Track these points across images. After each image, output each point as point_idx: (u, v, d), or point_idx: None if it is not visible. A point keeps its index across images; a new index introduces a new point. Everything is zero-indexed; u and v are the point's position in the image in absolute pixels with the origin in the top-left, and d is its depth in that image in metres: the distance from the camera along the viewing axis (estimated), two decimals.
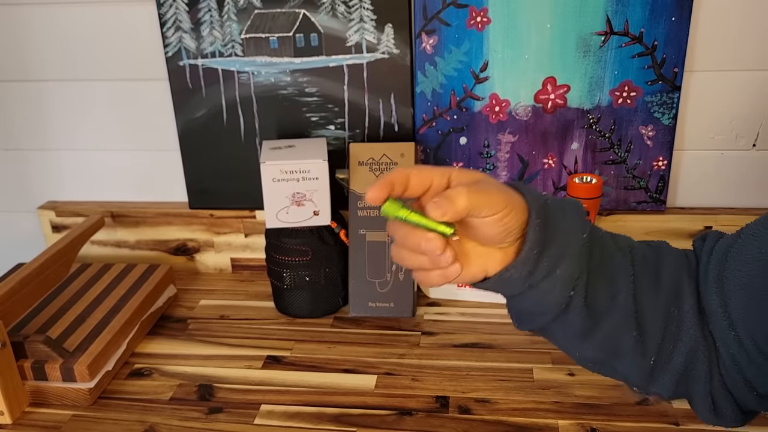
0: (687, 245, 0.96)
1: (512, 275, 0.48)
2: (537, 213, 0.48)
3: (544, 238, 0.48)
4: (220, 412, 0.76)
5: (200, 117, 0.99)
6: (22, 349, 0.78)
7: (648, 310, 0.51)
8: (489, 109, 0.94)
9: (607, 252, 0.52)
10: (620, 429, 0.70)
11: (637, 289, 0.51)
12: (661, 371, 0.51)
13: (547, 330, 0.53)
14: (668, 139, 0.92)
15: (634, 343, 0.51)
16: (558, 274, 0.48)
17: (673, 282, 0.52)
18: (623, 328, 0.50)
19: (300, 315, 0.94)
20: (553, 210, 0.49)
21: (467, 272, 0.48)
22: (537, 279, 0.48)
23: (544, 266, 0.48)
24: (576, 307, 0.50)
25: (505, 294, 0.51)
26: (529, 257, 0.47)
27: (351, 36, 0.92)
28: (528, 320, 0.53)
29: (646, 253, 0.54)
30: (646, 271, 0.52)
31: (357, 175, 0.92)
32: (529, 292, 0.49)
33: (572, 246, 0.49)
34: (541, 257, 0.48)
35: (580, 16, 0.87)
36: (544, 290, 0.49)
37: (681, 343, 0.51)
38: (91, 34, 0.98)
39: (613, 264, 0.51)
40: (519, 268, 0.48)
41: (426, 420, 0.73)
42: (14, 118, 1.05)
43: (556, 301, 0.49)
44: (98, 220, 0.96)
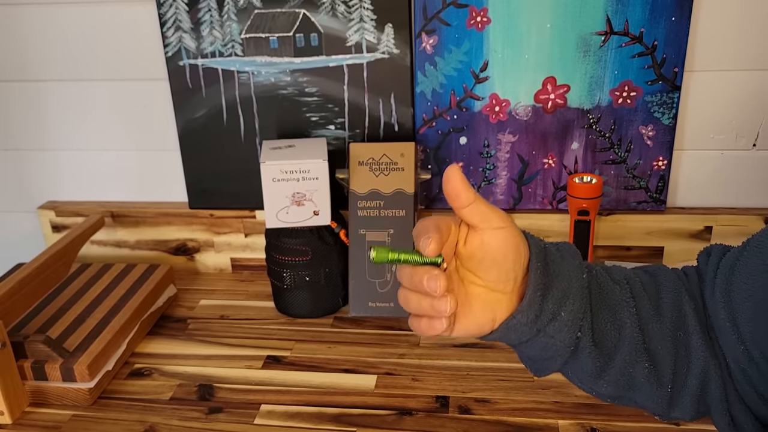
0: (687, 245, 0.97)
1: (519, 321, 0.48)
2: (537, 256, 0.48)
3: (547, 280, 0.48)
4: (220, 412, 0.76)
5: (200, 117, 0.99)
6: (22, 349, 0.78)
7: (655, 338, 0.51)
8: (489, 109, 0.94)
9: (605, 288, 0.52)
10: (620, 429, 0.70)
11: (641, 319, 0.51)
12: (679, 397, 0.51)
13: (562, 372, 0.53)
14: (668, 139, 0.92)
15: (648, 374, 0.51)
16: (563, 317, 0.49)
17: (675, 306, 0.52)
18: (635, 360, 0.50)
19: (300, 315, 0.94)
20: (551, 253, 0.50)
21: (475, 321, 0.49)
22: (543, 323, 0.48)
23: (549, 309, 0.48)
24: (585, 347, 0.50)
25: (514, 342, 0.51)
26: (534, 300, 0.48)
27: (351, 36, 0.92)
28: (542, 366, 0.53)
29: (643, 281, 0.54)
30: (647, 299, 0.52)
31: (357, 175, 0.92)
32: (537, 337, 0.49)
33: (573, 287, 0.49)
34: (545, 300, 0.48)
35: (580, 16, 0.87)
36: (552, 334, 0.49)
37: (692, 365, 0.51)
38: (90, 33, 0.98)
39: (613, 299, 0.52)
40: (525, 312, 0.48)
41: (426, 420, 0.73)
42: (14, 118, 1.05)
43: (564, 344, 0.49)
44: (98, 220, 0.96)
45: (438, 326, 0.46)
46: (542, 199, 0.98)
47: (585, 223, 0.90)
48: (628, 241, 0.98)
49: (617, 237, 0.98)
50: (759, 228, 0.95)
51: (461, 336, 0.49)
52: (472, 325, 0.48)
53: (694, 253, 0.96)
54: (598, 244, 0.98)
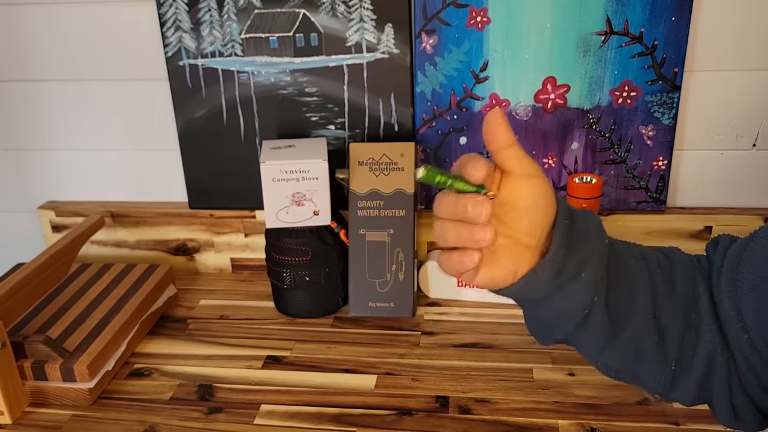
0: (687, 245, 0.96)
1: (540, 276, 0.48)
2: (564, 214, 0.49)
3: (571, 239, 0.48)
4: (220, 412, 0.76)
5: (200, 117, 0.99)
6: (22, 349, 0.78)
7: (667, 314, 0.51)
8: (489, 109, 0.94)
9: (622, 259, 0.52)
10: (620, 429, 0.70)
11: (655, 293, 0.52)
12: (682, 377, 0.52)
13: (569, 339, 0.53)
14: (668, 138, 0.92)
15: (655, 348, 0.51)
16: (583, 278, 0.49)
17: (689, 287, 0.52)
18: (644, 332, 0.51)
19: (300, 315, 0.94)
20: (577, 216, 0.50)
21: (498, 271, 0.48)
22: (563, 281, 0.48)
23: (571, 268, 0.48)
24: (598, 312, 0.50)
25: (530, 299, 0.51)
26: (557, 256, 0.48)
27: (351, 36, 0.92)
28: (550, 331, 0.53)
29: (659, 259, 0.54)
30: (662, 276, 0.53)
31: (357, 175, 0.92)
32: (555, 296, 0.49)
33: (596, 250, 0.50)
34: (568, 258, 0.48)
35: (580, 16, 0.87)
36: (569, 294, 0.49)
37: (700, 348, 0.51)
38: (90, 33, 0.98)
39: (629, 270, 0.52)
40: (547, 268, 0.48)
41: (426, 420, 0.73)
42: (14, 118, 1.05)
43: (579, 306, 0.49)
44: (98, 220, 0.96)
45: (469, 260, 0.45)
46: None
47: None
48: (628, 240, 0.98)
49: (617, 237, 0.97)
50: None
51: (482, 285, 0.48)
52: (495, 275, 0.48)
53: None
54: None
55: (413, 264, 0.92)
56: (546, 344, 0.55)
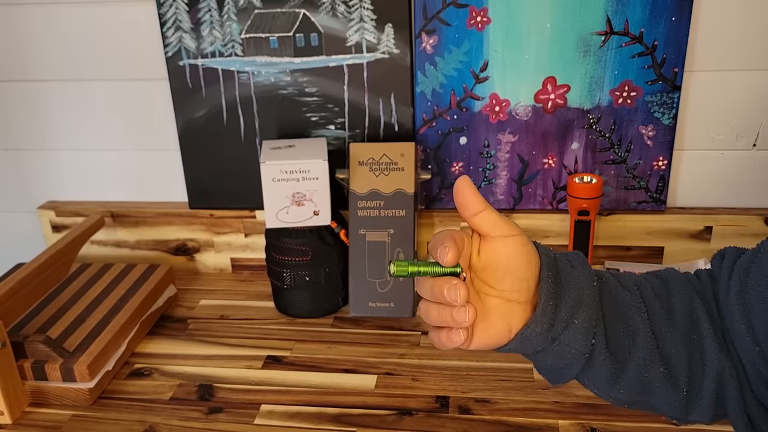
0: (687, 245, 0.97)
1: (533, 331, 0.49)
2: (548, 266, 0.49)
3: (558, 289, 0.49)
4: (220, 412, 0.76)
5: (200, 117, 0.99)
6: (22, 349, 0.78)
7: (669, 342, 0.51)
8: (489, 109, 0.94)
9: (615, 295, 0.52)
10: (620, 429, 0.70)
11: (654, 324, 0.52)
12: (695, 400, 0.52)
13: (578, 380, 0.54)
14: (668, 139, 0.92)
15: (663, 378, 0.51)
16: (577, 324, 0.49)
17: (687, 309, 0.52)
18: (649, 365, 0.51)
19: (300, 315, 0.94)
20: (561, 263, 0.51)
21: (493, 332, 0.49)
22: (558, 331, 0.49)
23: (563, 317, 0.49)
24: (599, 354, 0.50)
25: (529, 352, 0.51)
26: (546, 308, 0.48)
27: (351, 36, 0.92)
28: (558, 375, 0.53)
29: (653, 286, 0.54)
30: (658, 304, 0.53)
31: (357, 175, 0.92)
32: (552, 346, 0.50)
33: (585, 295, 0.50)
34: (558, 308, 0.49)
35: (580, 16, 0.87)
36: (566, 342, 0.49)
37: (707, 369, 0.51)
38: (90, 33, 0.98)
39: (624, 305, 0.52)
40: (539, 321, 0.48)
41: (426, 420, 0.73)
42: (14, 118, 1.05)
43: (579, 351, 0.50)
44: (98, 220, 0.96)
45: (457, 338, 0.47)
46: (542, 199, 0.99)
47: (585, 223, 0.90)
48: (628, 241, 0.98)
49: (617, 237, 0.98)
50: (759, 228, 0.96)
51: (479, 348, 0.49)
52: (489, 336, 0.49)
53: (694, 253, 0.96)
54: (598, 244, 0.98)
55: None
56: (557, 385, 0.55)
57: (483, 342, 0.49)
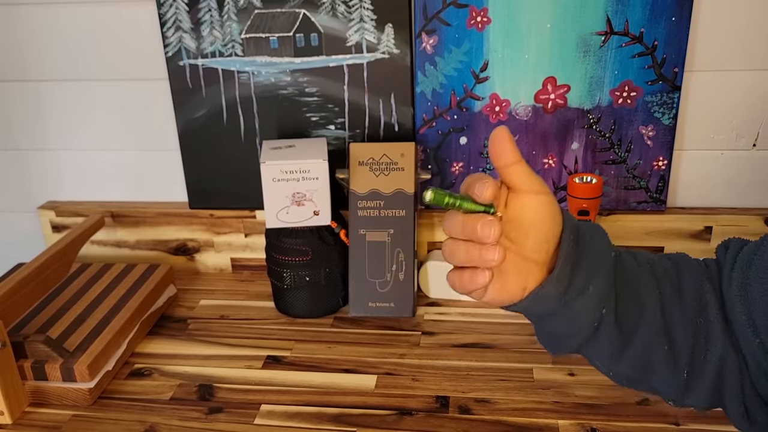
0: (687, 245, 0.97)
1: (547, 292, 0.48)
2: (570, 229, 0.49)
3: (577, 254, 0.49)
4: (220, 412, 0.76)
5: (200, 117, 0.99)
6: (22, 349, 0.78)
7: (676, 322, 0.51)
8: (489, 109, 0.94)
9: (629, 270, 0.52)
10: (620, 429, 0.70)
11: (663, 302, 0.52)
12: (695, 383, 0.52)
13: (580, 350, 0.53)
14: (668, 139, 0.92)
15: (665, 357, 0.51)
16: (591, 291, 0.49)
17: (696, 293, 0.52)
18: (654, 342, 0.51)
19: (300, 315, 0.94)
20: (583, 230, 0.51)
21: (508, 287, 0.49)
22: (571, 296, 0.49)
23: (578, 282, 0.49)
24: (607, 325, 0.50)
25: (539, 314, 0.51)
26: (563, 271, 0.48)
27: (351, 36, 0.92)
28: (561, 343, 0.53)
29: (666, 267, 0.54)
30: (669, 284, 0.53)
31: (357, 175, 0.92)
32: (563, 311, 0.49)
33: (603, 263, 0.50)
34: (575, 272, 0.49)
35: (580, 16, 0.87)
36: (578, 308, 0.49)
37: (710, 354, 0.51)
38: (90, 33, 0.98)
39: (636, 280, 0.52)
40: (554, 283, 0.48)
41: (426, 420, 0.73)
42: (14, 118, 1.05)
43: (588, 319, 0.50)
44: (98, 220, 0.96)
45: (482, 279, 0.46)
46: None
47: None
48: (628, 241, 0.98)
49: (617, 237, 0.98)
50: (759, 228, 0.96)
51: (491, 302, 0.49)
52: (504, 291, 0.49)
53: (694, 253, 0.95)
54: None
55: (413, 264, 0.92)
56: (557, 355, 0.55)
57: (496, 295, 0.48)
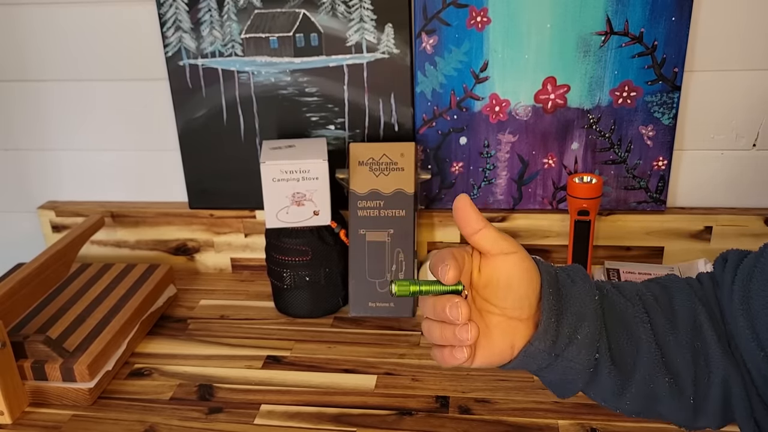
0: (687, 245, 0.97)
1: (536, 348, 0.49)
2: (549, 282, 0.49)
3: (560, 305, 0.49)
4: (220, 412, 0.76)
5: (200, 117, 0.99)
6: (22, 349, 0.78)
7: (673, 351, 0.51)
8: (489, 109, 0.94)
9: (617, 307, 0.52)
10: (620, 429, 0.70)
11: (657, 334, 0.51)
12: (702, 406, 0.52)
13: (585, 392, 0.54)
14: (668, 139, 0.92)
15: (669, 388, 0.51)
16: (580, 339, 0.49)
17: (689, 316, 0.52)
18: (655, 375, 0.51)
19: (300, 315, 0.94)
20: (562, 278, 0.51)
21: (495, 349, 0.49)
22: (561, 347, 0.49)
23: (565, 332, 0.49)
24: (604, 368, 0.50)
25: (534, 369, 0.52)
26: (549, 325, 0.48)
27: (351, 36, 0.92)
28: (564, 389, 0.53)
29: (655, 294, 0.54)
30: (661, 313, 0.52)
31: (357, 175, 0.92)
32: (556, 362, 0.50)
33: (587, 309, 0.50)
34: (561, 324, 0.49)
35: (580, 16, 0.87)
36: (570, 357, 0.49)
37: (713, 375, 0.51)
38: (90, 33, 0.98)
39: (626, 316, 0.52)
40: (541, 338, 0.49)
41: (426, 420, 0.73)
42: (14, 118, 1.05)
43: (583, 366, 0.50)
44: (98, 220, 0.96)
45: (460, 356, 0.47)
46: (542, 199, 0.99)
47: (585, 223, 0.90)
48: (628, 241, 0.98)
49: (617, 237, 0.98)
50: (759, 228, 0.96)
51: (482, 366, 0.50)
52: (492, 354, 0.49)
53: (694, 254, 0.97)
54: (598, 244, 0.98)
55: (413, 264, 0.92)
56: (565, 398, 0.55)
57: (486, 360, 0.49)
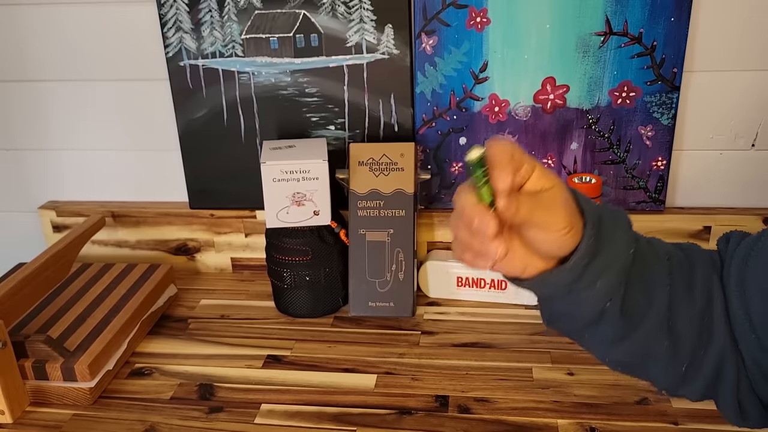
0: None
1: (556, 280, 0.48)
2: (593, 225, 0.48)
3: (595, 250, 0.48)
4: (220, 412, 0.76)
5: (201, 117, 0.99)
6: (23, 348, 0.78)
7: (682, 319, 0.51)
8: (488, 110, 0.94)
9: (646, 262, 0.52)
10: (620, 428, 0.70)
11: (672, 299, 0.51)
12: (692, 377, 0.52)
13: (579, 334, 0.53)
14: (667, 139, 0.93)
15: (665, 351, 0.51)
16: (598, 286, 0.49)
17: (705, 289, 0.52)
18: (656, 336, 0.51)
19: (300, 314, 0.94)
20: (606, 223, 0.50)
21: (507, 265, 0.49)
22: (578, 287, 0.49)
23: (588, 277, 0.48)
24: (610, 316, 0.50)
25: (542, 294, 0.51)
26: (577, 266, 0.48)
27: (351, 36, 0.93)
28: (560, 321, 0.53)
29: (681, 260, 0.54)
30: (682, 279, 0.52)
31: (357, 175, 0.92)
32: (568, 297, 0.49)
33: (618, 260, 0.49)
34: (587, 268, 0.48)
35: (579, 16, 0.88)
36: (583, 298, 0.49)
37: (711, 350, 0.51)
38: (91, 34, 0.98)
39: (651, 273, 0.52)
40: (564, 274, 0.48)
41: (426, 419, 0.73)
42: (14, 118, 1.06)
43: (590, 309, 0.50)
44: (99, 220, 0.96)
45: (483, 264, 0.47)
46: None
47: None
48: None
49: None
50: (758, 228, 0.96)
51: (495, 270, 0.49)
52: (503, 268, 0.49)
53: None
54: None
55: (413, 264, 0.92)
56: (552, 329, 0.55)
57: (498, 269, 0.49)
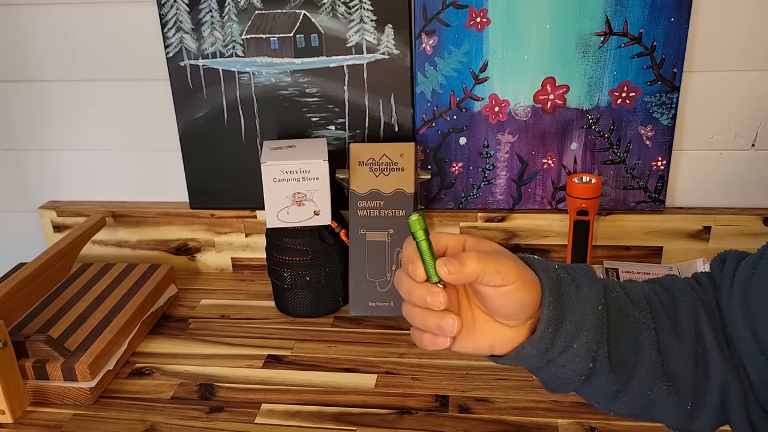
0: (686, 245, 0.97)
1: (528, 352, 0.48)
2: (550, 290, 0.47)
3: (559, 315, 0.47)
4: (220, 411, 0.76)
5: (201, 117, 0.99)
6: (24, 348, 0.78)
7: (675, 359, 0.50)
8: (489, 110, 0.94)
9: (624, 311, 0.51)
10: (619, 428, 0.71)
11: (660, 340, 0.50)
12: (699, 412, 0.51)
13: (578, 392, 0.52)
14: (667, 139, 0.93)
15: (667, 394, 0.50)
16: (576, 348, 0.48)
17: (692, 321, 0.51)
18: (653, 382, 0.50)
19: (300, 314, 0.94)
20: (566, 285, 0.49)
21: (473, 344, 0.49)
22: (554, 354, 0.48)
23: (561, 342, 0.47)
24: (600, 373, 0.49)
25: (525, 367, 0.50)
26: (544, 335, 0.47)
27: (351, 36, 0.93)
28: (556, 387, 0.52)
29: (661, 298, 0.53)
30: (666, 318, 0.51)
31: (357, 175, 0.92)
32: (548, 367, 0.49)
33: (588, 319, 0.48)
34: (557, 334, 0.47)
35: (579, 16, 0.88)
36: (563, 363, 0.48)
37: (711, 381, 0.50)
38: (91, 34, 0.99)
39: (631, 322, 0.51)
40: (535, 345, 0.47)
41: (426, 419, 0.73)
42: (14, 118, 1.06)
43: (576, 373, 0.49)
44: (99, 220, 0.96)
45: (443, 343, 0.46)
46: (541, 199, 0.99)
47: (584, 223, 0.90)
48: (627, 241, 0.98)
49: (616, 237, 0.98)
50: (758, 228, 0.96)
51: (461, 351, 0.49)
52: (469, 347, 0.49)
53: (692, 253, 0.97)
54: (597, 244, 0.98)
55: None
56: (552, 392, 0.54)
57: (463, 349, 0.48)
